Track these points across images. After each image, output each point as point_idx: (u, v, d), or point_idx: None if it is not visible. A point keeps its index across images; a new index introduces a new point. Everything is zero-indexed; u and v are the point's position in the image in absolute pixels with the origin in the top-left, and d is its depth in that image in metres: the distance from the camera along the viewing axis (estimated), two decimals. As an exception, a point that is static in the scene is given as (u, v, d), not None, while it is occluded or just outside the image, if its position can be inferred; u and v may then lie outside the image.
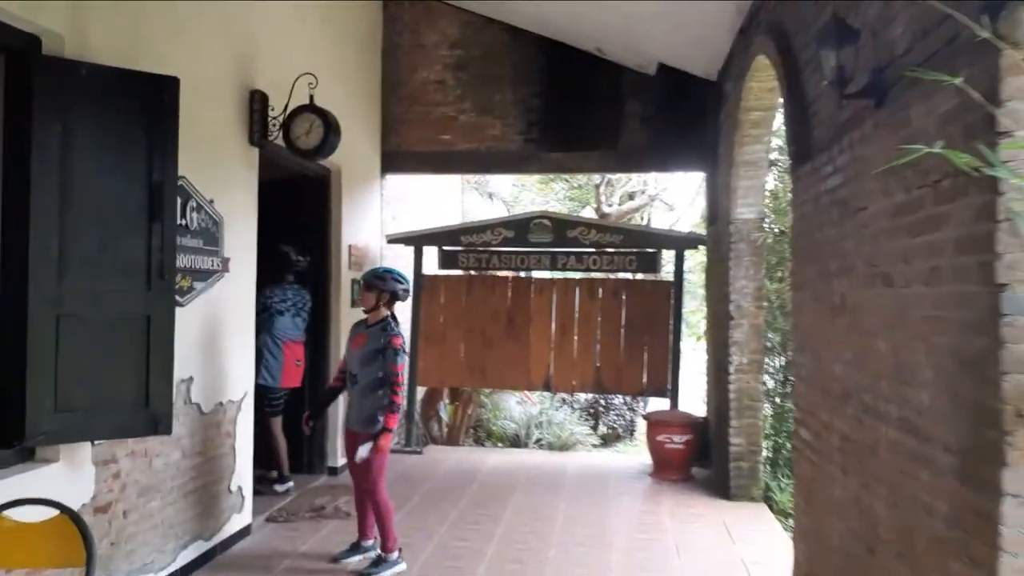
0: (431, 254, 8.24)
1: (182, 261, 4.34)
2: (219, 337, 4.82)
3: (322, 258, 6.65)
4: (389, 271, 4.82)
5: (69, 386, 3.35)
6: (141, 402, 3.61)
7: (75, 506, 3.56)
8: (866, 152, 2.97)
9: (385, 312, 4.71)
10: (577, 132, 7.77)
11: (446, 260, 8.09)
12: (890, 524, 2.70)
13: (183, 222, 4.36)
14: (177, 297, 4.29)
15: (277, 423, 6.15)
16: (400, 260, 8.56)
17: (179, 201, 4.29)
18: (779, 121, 6.41)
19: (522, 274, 8.41)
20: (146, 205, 3.62)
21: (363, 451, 4.49)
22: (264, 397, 6.06)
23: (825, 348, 3.57)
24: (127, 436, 3.72)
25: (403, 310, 8.58)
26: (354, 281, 7.13)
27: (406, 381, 4.63)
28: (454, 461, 7.56)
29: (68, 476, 3.53)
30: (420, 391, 8.51)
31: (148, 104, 3.61)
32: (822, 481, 3.63)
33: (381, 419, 4.52)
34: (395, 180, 8.48)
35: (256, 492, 5.92)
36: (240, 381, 5.11)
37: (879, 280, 2.85)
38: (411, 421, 7.99)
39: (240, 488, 5.13)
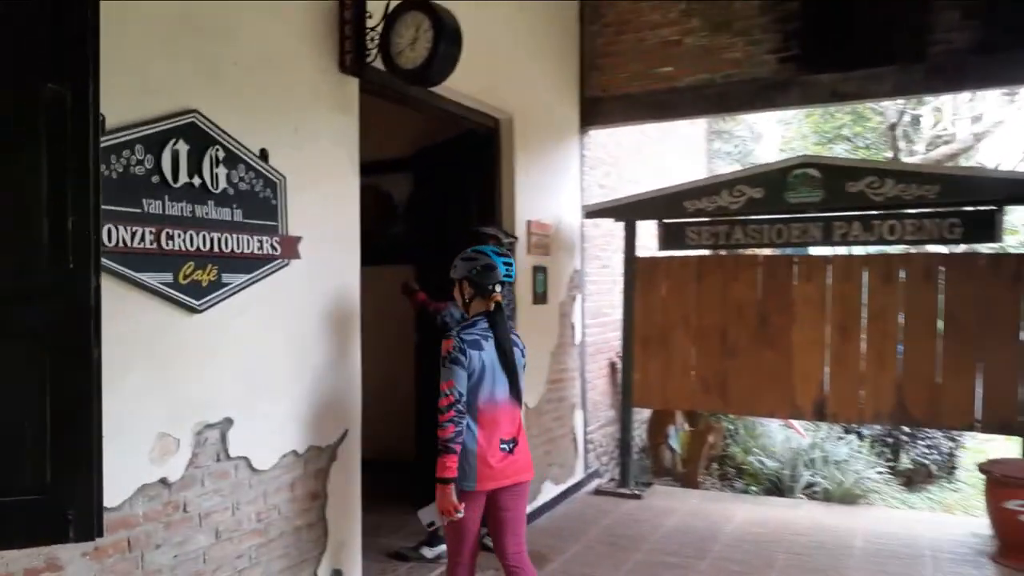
0: (649, 232, 6.18)
1: (195, 241, 2.82)
2: (283, 355, 3.24)
3: (488, 239, 4.90)
4: (465, 251, 3.25)
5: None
6: (36, 484, 2.05)
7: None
8: None
9: (480, 308, 3.16)
10: (860, 41, 5.30)
11: (669, 238, 5.93)
12: None
13: (195, 181, 2.82)
14: (189, 299, 2.79)
15: None
16: (613, 241, 6.68)
17: (185, 150, 2.78)
18: None
19: (782, 252, 6.04)
20: (43, 137, 2.05)
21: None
22: None
23: None
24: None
25: (614, 306, 6.65)
26: (536, 269, 5.37)
27: (461, 403, 2.97)
28: (683, 514, 5.43)
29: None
30: (639, 414, 6.49)
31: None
32: None
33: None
34: (603, 138, 6.55)
35: (400, 557, 4.46)
36: (333, 416, 3.51)
37: None
38: (626, 455, 5.97)
39: (339, 572, 3.53)
